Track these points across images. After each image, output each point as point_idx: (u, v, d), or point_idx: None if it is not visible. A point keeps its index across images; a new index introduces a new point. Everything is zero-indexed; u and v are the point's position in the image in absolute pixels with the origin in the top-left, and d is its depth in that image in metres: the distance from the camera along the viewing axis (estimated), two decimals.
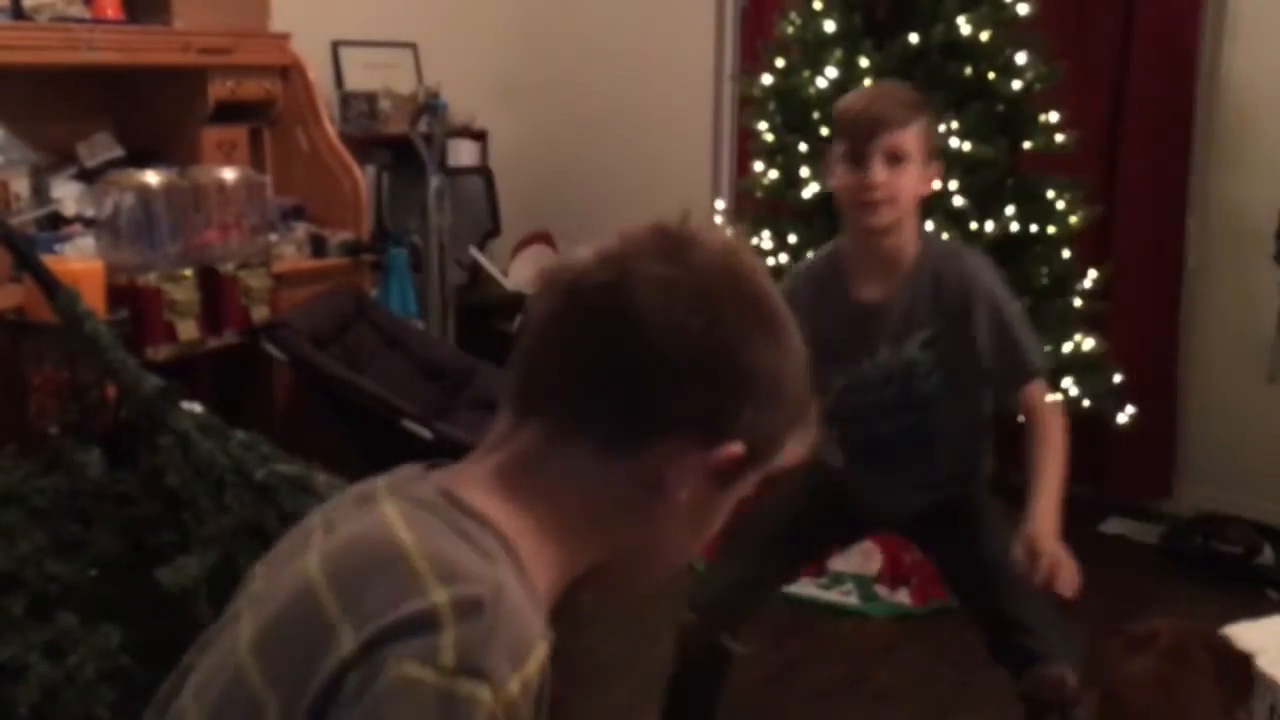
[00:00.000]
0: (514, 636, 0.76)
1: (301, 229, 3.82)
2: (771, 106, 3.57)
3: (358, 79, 4.50)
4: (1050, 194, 3.41)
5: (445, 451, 3.51)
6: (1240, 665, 1.63)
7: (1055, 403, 2.06)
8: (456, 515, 0.82)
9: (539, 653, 0.77)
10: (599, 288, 0.82)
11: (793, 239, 3.44)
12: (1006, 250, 3.36)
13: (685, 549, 0.93)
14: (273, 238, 3.62)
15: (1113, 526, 3.79)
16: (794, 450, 0.90)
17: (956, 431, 2.16)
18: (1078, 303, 3.46)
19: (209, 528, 2.06)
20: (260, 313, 3.39)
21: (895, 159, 1.94)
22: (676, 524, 0.88)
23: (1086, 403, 3.37)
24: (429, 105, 4.15)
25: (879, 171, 1.93)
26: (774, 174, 3.51)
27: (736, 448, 0.84)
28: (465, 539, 0.80)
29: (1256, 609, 2.48)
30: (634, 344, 0.81)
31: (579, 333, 0.83)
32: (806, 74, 3.42)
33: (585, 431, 0.83)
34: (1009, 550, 1.99)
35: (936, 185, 2.10)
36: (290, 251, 3.73)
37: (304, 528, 0.92)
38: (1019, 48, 3.39)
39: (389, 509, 0.83)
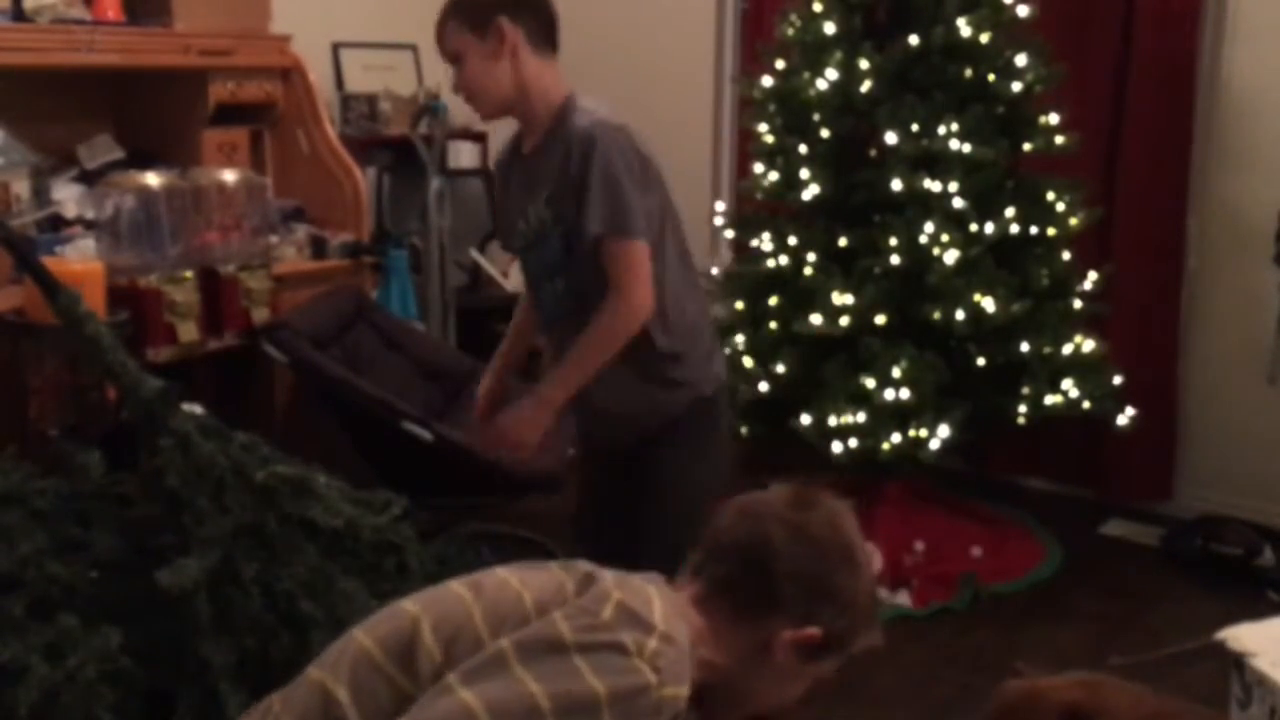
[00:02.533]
0: (680, 663, 1.25)
1: (302, 230, 3.82)
2: (771, 108, 3.57)
3: (358, 81, 4.50)
4: (1050, 195, 3.41)
5: (444, 452, 3.50)
6: None
7: (633, 276, 2.01)
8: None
9: (685, 689, 1.24)
10: (753, 522, 1.37)
11: (793, 241, 3.44)
12: (1006, 252, 3.37)
13: (770, 698, 1.40)
14: (273, 239, 3.63)
15: (1113, 529, 3.79)
16: (866, 645, 1.40)
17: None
18: (1078, 304, 3.46)
19: (209, 529, 2.05)
20: (261, 314, 3.39)
21: (455, 61, 2.12)
22: (768, 677, 1.36)
23: (1087, 404, 3.37)
24: (429, 107, 4.15)
25: (454, 78, 2.15)
26: (774, 176, 3.52)
27: (816, 632, 1.33)
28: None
29: (1256, 610, 2.47)
30: (766, 561, 1.33)
31: (737, 544, 1.36)
32: (806, 76, 3.42)
33: (725, 599, 1.35)
34: (656, 521, 2.11)
35: (524, 56, 2.10)
36: (291, 253, 3.73)
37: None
38: (1019, 49, 3.39)
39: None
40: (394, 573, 2.17)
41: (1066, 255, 3.47)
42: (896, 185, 3.26)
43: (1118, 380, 3.45)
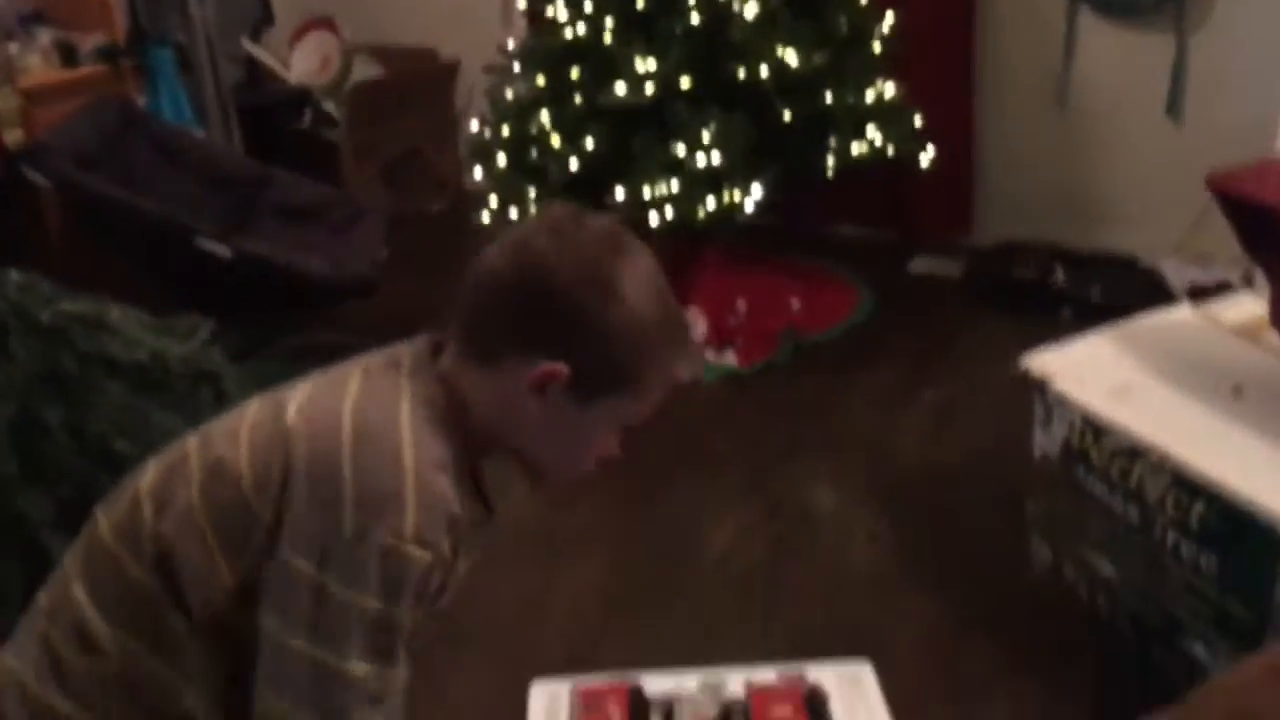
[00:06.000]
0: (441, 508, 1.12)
1: (45, 36, 3.53)
2: None
3: None
4: None
5: (246, 267, 3.35)
6: None
7: None
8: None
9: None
10: (494, 250, 1.17)
11: (589, 7, 3.30)
12: (805, 2, 3.32)
13: (569, 455, 1.21)
14: (12, 48, 3.34)
15: (919, 266, 3.96)
16: (671, 376, 1.18)
17: None
18: (877, 48, 3.47)
19: None
20: (13, 136, 3.15)
21: None
22: (547, 430, 1.18)
23: (891, 149, 3.44)
24: None
25: None
26: None
27: (559, 368, 1.12)
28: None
29: (1054, 328, 2.62)
30: (490, 290, 1.15)
31: (471, 277, 1.17)
32: None
33: (468, 345, 1.17)
34: None
35: None
36: (36, 63, 3.45)
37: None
38: None
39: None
40: (212, 401, 2.10)
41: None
42: None
43: (918, 121, 3.52)
